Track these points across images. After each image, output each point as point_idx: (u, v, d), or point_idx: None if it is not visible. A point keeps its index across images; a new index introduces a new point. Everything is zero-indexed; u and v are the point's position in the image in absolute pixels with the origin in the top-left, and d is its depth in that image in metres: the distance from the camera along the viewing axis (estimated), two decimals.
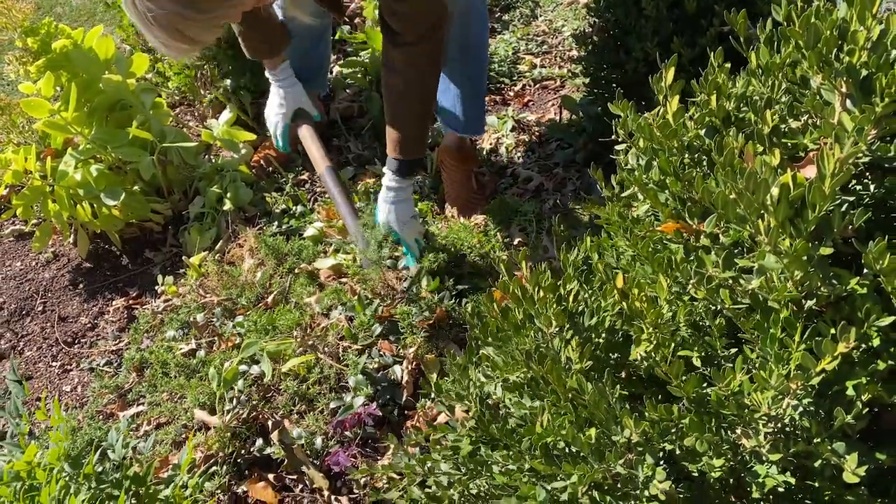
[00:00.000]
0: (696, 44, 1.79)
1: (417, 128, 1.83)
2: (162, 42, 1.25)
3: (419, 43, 1.67)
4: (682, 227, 0.92)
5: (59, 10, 4.60)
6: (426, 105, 1.84)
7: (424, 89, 1.79)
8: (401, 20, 1.64)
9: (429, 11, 1.64)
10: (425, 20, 1.65)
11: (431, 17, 1.65)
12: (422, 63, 1.72)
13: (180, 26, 1.22)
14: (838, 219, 0.72)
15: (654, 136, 0.93)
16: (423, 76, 1.75)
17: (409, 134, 1.82)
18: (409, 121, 1.81)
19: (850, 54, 0.75)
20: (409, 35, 1.65)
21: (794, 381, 0.73)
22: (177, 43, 1.25)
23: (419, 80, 1.75)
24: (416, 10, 1.63)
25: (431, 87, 1.83)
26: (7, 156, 2.32)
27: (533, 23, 3.09)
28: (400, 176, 1.85)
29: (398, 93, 1.77)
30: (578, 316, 1.00)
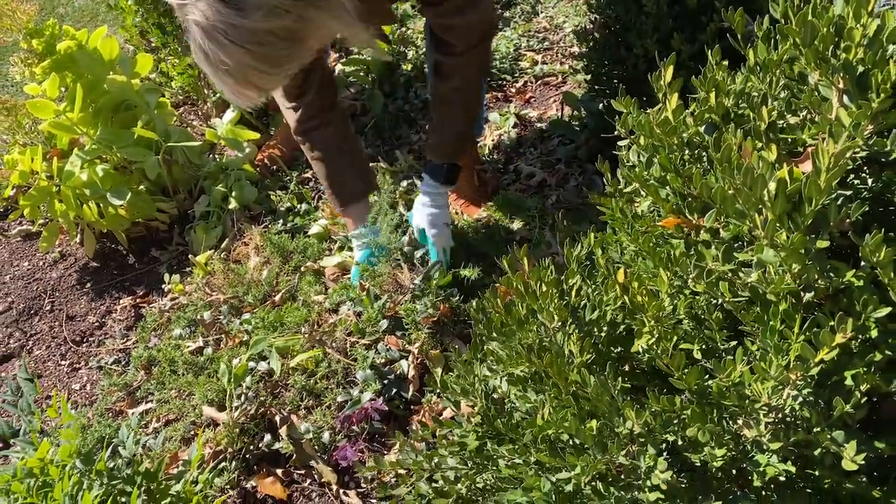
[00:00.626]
0: (696, 40, 1.80)
1: (460, 134, 1.87)
2: (231, 90, 1.25)
3: (468, 52, 1.70)
4: (683, 222, 0.93)
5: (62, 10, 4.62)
6: (472, 112, 1.87)
7: (471, 96, 1.82)
8: (454, 34, 1.67)
9: (481, 22, 1.67)
10: (477, 31, 1.68)
11: (483, 27, 1.69)
12: (471, 71, 1.75)
13: (254, 79, 1.23)
14: (834, 212, 0.73)
15: (655, 133, 0.94)
16: (471, 84, 1.78)
17: (452, 140, 1.85)
18: (454, 127, 1.84)
19: (847, 51, 0.77)
20: (460, 46, 1.68)
21: (794, 372, 0.74)
22: (247, 91, 1.26)
23: (466, 88, 1.78)
24: (470, 23, 1.65)
25: (478, 95, 1.87)
26: (13, 157, 2.34)
27: (534, 19, 3.10)
28: (437, 181, 1.86)
29: (446, 99, 1.80)
30: (581, 310, 1.01)
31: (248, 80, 1.23)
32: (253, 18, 1.15)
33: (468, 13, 1.63)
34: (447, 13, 1.63)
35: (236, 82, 1.23)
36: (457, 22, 1.65)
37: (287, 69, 1.30)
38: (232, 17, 1.14)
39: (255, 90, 1.28)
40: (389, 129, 2.66)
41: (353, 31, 1.36)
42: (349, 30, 1.35)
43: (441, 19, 1.67)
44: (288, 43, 1.23)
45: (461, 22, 1.65)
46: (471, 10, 1.63)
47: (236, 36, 1.16)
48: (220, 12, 1.14)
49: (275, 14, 1.17)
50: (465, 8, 1.62)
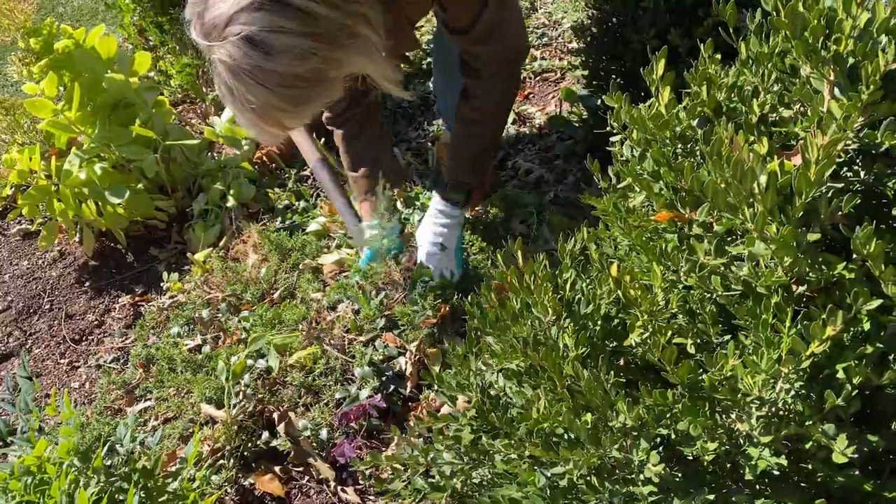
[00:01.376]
0: (692, 34, 1.79)
1: (477, 156, 1.86)
2: (255, 127, 1.24)
3: (494, 77, 1.69)
4: (676, 216, 0.93)
5: (61, 9, 4.62)
6: (493, 137, 1.87)
7: (494, 121, 1.82)
8: (481, 61, 1.67)
9: (509, 49, 1.67)
10: (504, 59, 1.67)
11: (512, 54, 1.69)
12: (496, 95, 1.74)
13: (276, 116, 1.22)
14: (825, 205, 0.73)
15: (647, 127, 0.94)
16: (494, 109, 1.78)
17: (468, 160, 1.85)
18: (471, 149, 1.84)
19: (837, 43, 0.76)
20: (487, 72, 1.68)
21: (786, 366, 0.74)
22: (270, 128, 1.25)
23: (490, 112, 1.78)
24: (499, 50, 1.65)
25: (501, 121, 1.87)
26: (12, 156, 2.34)
27: (533, 15, 3.09)
28: (446, 199, 1.85)
29: (468, 121, 1.79)
30: (575, 304, 1.01)
31: (271, 117, 1.22)
32: (281, 62, 1.14)
33: (495, 42, 1.62)
34: (475, 41, 1.62)
35: (261, 120, 1.22)
36: (483, 50, 1.64)
37: (313, 108, 1.30)
38: (259, 61, 1.13)
39: (280, 127, 1.27)
40: (388, 126, 2.66)
41: (382, 69, 1.35)
42: (378, 68, 1.33)
43: (469, 46, 1.65)
44: (315, 84, 1.22)
45: (488, 50, 1.64)
46: (497, 39, 1.62)
47: (263, 78, 1.15)
48: (247, 55, 1.13)
49: (303, 58, 1.16)
50: (493, 37, 1.61)
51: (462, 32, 1.61)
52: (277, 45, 1.13)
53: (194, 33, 1.18)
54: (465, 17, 1.57)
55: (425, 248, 1.87)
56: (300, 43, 1.15)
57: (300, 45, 1.15)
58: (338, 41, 1.20)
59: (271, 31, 1.12)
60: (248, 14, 1.12)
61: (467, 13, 1.56)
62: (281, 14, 1.12)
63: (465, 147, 1.85)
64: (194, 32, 1.18)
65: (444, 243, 1.87)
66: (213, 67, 1.20)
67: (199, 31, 1.17)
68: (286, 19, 1.13)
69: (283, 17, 1.13)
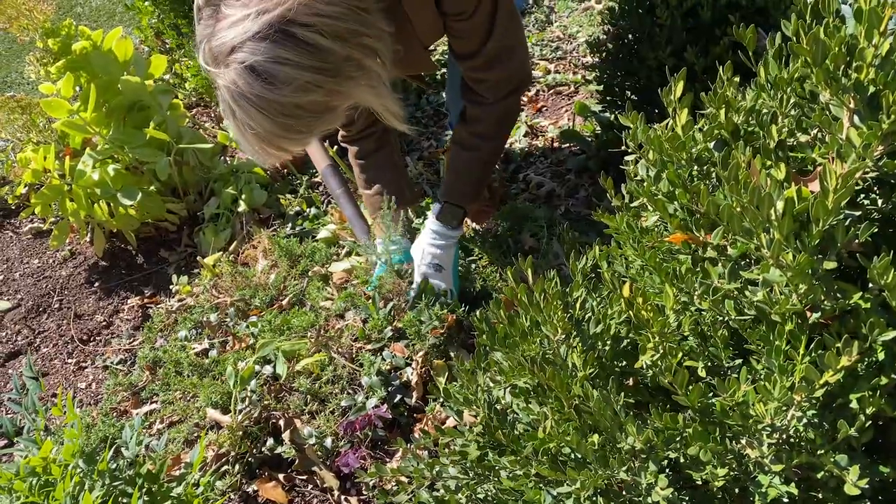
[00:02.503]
0: (709, 53, 1.79)
1: (473, 181, 1.85)
2: (254, 149, 1.24)
3: (496, 104, 1.70)
4: (690, 238, 0.93)
5: (79, 10, 4.66)
6: (489, 162, 1.87)
7: (491, 147, 1.82)
8: (485, 87, 1.67)
9: (511, 77, 1.67)
10: (507, 85, 1.68)
11: (515, 82, 1.69)
12: (494, 121, 1.75)
13: (275, 142, 1.22)
14: (842, 233, 0.73)
15: (664, 148, 0.94)
16: (493, 134, 1.78)
17: (463, 184, 1.84)
18: (467, 173, 1.84)
19: (858, 71, 0.76)
20: (490, 98, 1.69)
21: (799, 393, 0.74)
22: (268, 152, 1.25)
23: (488, 137, 1.78)
24: (501, 77, 1.66)
25: (498, 146, 1.87)
26: (27, 155, 2.36)
27: (548, 28, 3.10)
28: (441, 221, 1.85)
29: (465, 144, 1.79)
30: (585, 323, 1.01)
31: (271, 143, 1.23)
32: (283, 93, 1.14)
33: (498, 67, 1.63)
34: (478, 67, 1.63)
35: (260, 143, 1.22)
36: (489, 75, 1.65)
37: (315, 135, 1.30)
38: (261, 90, 1.14)
39: (280, 151, 1.27)
40: (400, 135, 2.66)
41: (386, 102, 1.35)
42: (382, 100, 1.33)
43: (472, 72, 1.66)
44: (317, 114, 1.22)
45: (493, 76, 1.65)
46: (503, 64, 1.63)
47: (264, 107, 1.15)
48: (249, 84, 1.13)
49: (305, 90, 1.16)
50: (496, 63, 1.61)
51: (467, 58, 1.62)
52: (280, 76, 1.13)
53: (201, 57, 1.18)
54: (470, 44, 1.59)
55: (422, 269, 1.87)
56: (303, 75, 1.15)
57: (303, 77, 1.15)
58: (343, 74, 1.20)
59: (275, 62, 1.12)
60: (254, 43, 1.12)
61: (473, 41, 1.58)
62: (285, 45, 1.12)
63: (460, 170, 1.84)
64: (201, 56, 1.18)
65: (441, 263, 1.87)
66: (217, 90, 1.21)
67: (206, 55, 1.17)
68: (290, 51, 1.13)
69: (288, 49, 1.12)
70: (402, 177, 2.02)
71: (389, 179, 1.97)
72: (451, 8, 1.51)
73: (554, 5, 3.23)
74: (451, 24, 1.57)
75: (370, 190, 1.99)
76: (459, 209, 1.85)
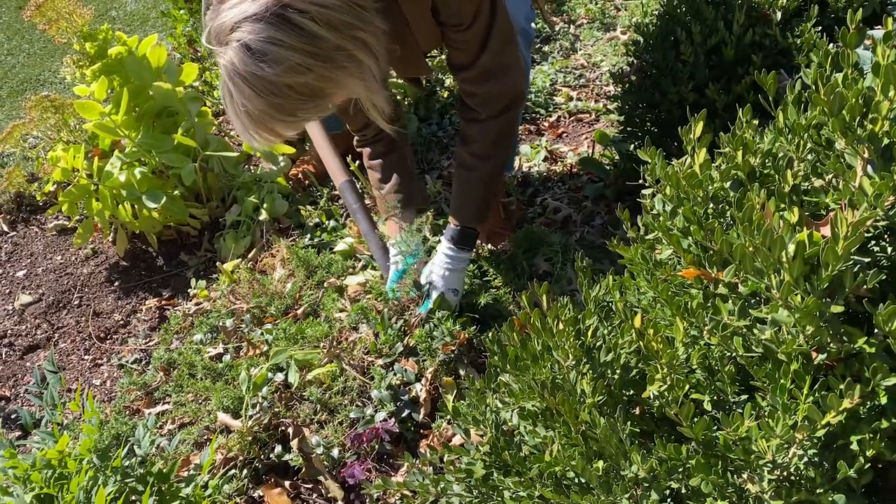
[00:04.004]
0: (731, 91, 1.82)
1: (479, 201, 1.88)
2: (247, 129, 1.31)
3: (490, 121, 1.74)
4: (703, 274, 0.95)
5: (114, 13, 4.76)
6: (492, 182, 1.90)
7: (491, 166, 1.84)
8: (479, 101, 1.72)
9: (505, 94, 1.71)
10: (500, 102, 1.72)
11: (507, 99, 1.73)
12: (491, 135, 1.78)
13: (268, 123, 1.29)
14: (850, 278, 0.75)
15: (681, 185, 0.97)
16: (492, 153, 1.81)
17: (469, 206, 1.88)
18: (472, 193, 1.87)
19: (874, 123, 0.79)
20: (483, 114, 1.73)
21: (801, 432, 0.76)
22: (262, 133, 1.32)
23: (487, 157, 1.81)
24: (494, 93, 1.70)
25: (499, 166, 1.89)
26: (57, 153, 2.42)
27: (572, 56, 3.14)
28: (454, 244, 1.88)
29: (466, 165, 1.83)
30: (596, 351, 1.03)
31: (263, 123, 1.30)
32: (273, 71, 1.22)
33: (492, 83, 1.67)
34: (473, 79, 1.67)
35: (253, 124, 1.29)
36: (481, 89, 1.69)
37: (302, 120, 1.37)
38: (254, 68, 1.21)
39: (270, 133, 1.33)
40: (421, 153, 2.71)
41: (375, 98, 1.42)
42: (371, 95, 1.40)
43: (467, 85, 1.70)
44: (306, 97, 1.29)
45: (486, 90, 1.69)
46: (495, 80, 1.67)
47: (256, 84, 1.23)
48: (244, 61, 1.21)
49: (296, 71, 1.23)
50: (490, 77, 1.66)
51: (462, 69, 1.67)
52: (272, 55, 1.21)
53: (205, 37, 1.27)
54: (465, 55, 1.64)
55: (437, 293, 1.90)
56: (294, 57, 1.22)
57: (294, 58, 1.22)
58: (333, 61, 1.27)
59: (269, 42, 1.20)
60: (251, 24, 1.20)
61: (469, 52, 1.63)
62: (280, 28, 1.20)
63: (465, 191, 1.88)
64: (205, 37, 1.27)
65: (456, 287, 1.91)
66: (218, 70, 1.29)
67: (209, 35, 1.26)
68: (284, 33, 1.21)
69: (282, 32, 1.21)
70: (413, 179, 2.07)
71: (401, 180, 2.02)
72: (447, 18, 1.57)
73: (579, 33, 3.27)
74: (447, 34, 1.62)
75: (382, 189, 2.04)
76: (471, 231, 1.89)
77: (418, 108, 2.86)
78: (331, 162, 2.29)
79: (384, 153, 2.01)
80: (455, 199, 1.91)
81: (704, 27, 1.85)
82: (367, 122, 1.92)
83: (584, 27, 3.29)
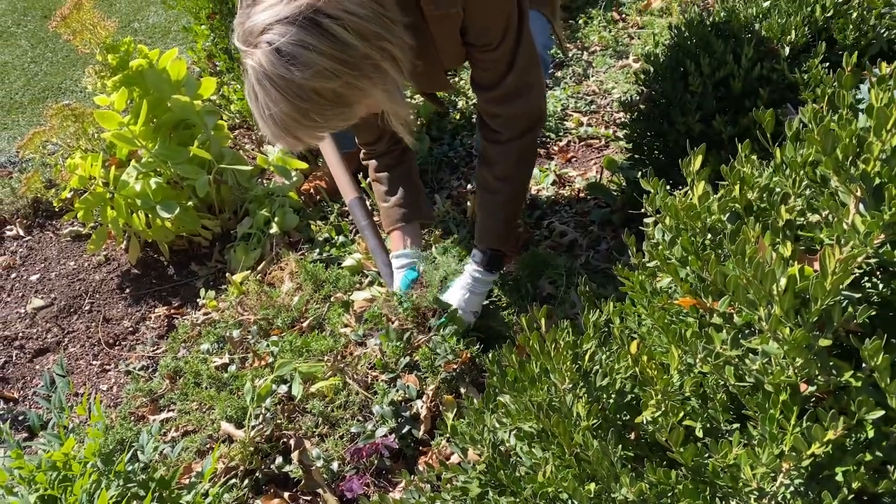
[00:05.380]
0: (738, 123, 1.85)
1: (503, 222, 1.91)
2: (271, 133, 1.34)
3: (512, 142, 1.77)
4: (699, 303, 0.97)
5: (136, 25, 4.85)
6: (515, 202, 1.93)
7: (514, 187, 1.87)
8: (500, 122, 1.75)
9: (526, 114, 1.75)
10: (522, 122, 1.75)
11: (529, 120, 1.76)
12: (514, 156, 1.81)
13: (291, 128, 1.32)
14: (838, 313, 0.77)
15: (680, 215, 0.99)
16: (514, 174, 1.84)
17: (495, 227, 1.91)
18: (496, 214, 1.90)
19: (866, 163, 0.81)
20: (505, 135, 1.77)
21: (787, 462, 0.77)
22: (285, 138, 1.35)
23: (509, 178, 1.84)
24: (517, 113, 1.73)
25: (521, 186, 1.92)
26: (75, 161, 2.47)
27: (584, 82, 3.18)
28: (483, 267, 1.91)
29: (489, 187, 1.86)
30: (592, 375, 1.06)
31: (287, 128, 1.32)
32: (302, 75, 1.24)
33: (515, 103, 1.71)
34: (496, 100, 1.71)
35: (276, 126, 1.32)
36: (504, 110, 1.72)
37: (325, 127, 1.39)
38: (282, 70, 1.24)
39: (293, 139, 1.36)
40: (432, 173, 2.74)
41: (399, 110, 1.45)
42: (395, 107, 1.44)
43: (490, 105, 1.73)
44: (332, 104, 1.31)
45: (507, 111, 1.72)
46: (518, 100, 1.70)
47: (283, 87, 1.25)
48: (273, 63, 1.24)
49: (324, 76, 1.26)
50: (514, 97, 1.69)
51: (487, 89, 1.71)
52: (302, 58, 1.23)
53: (235, 38, 1.30)
54: (492, 76, 1.67)
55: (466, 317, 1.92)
56: (323, 62, 1.25)
57: (323, 63, 1.25)
58: (360, 69, 1.30)
59: (299, 46, 1.23)
60: (283, 26, 1.22)
61: (495, 72, 1.66)
62: (311, 32, 1.23)
63: (490, 213, 1.90)
64: (235, 37, 1.30)
65: (476, 309, 1.94)
66: (244, 72, 1.31)
67: (238, 36, 1.28)
68: (315, 38, 1.23)
69: (313, 36, 1.23)
70: (418, 193, 2.11)
71: (406, 193, 2.05)
72: (476, 39, 1.60)
73: (592, 60, 3.31)
74: (474, 55, 1.65)
75: (387, 203, 2.07)
76: (499, 254, 1.91)
77: (431, 129, 2.90)
78: (342, 179, 2.33)
79: (390, 166, 2.05)
80: (480, 222, 1.94)
81: (713, 59, 1.88)
82: (379, 137, 1.96)
83: (598, 54, 3.33)
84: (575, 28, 3.54)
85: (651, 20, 3.41)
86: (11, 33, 5.16)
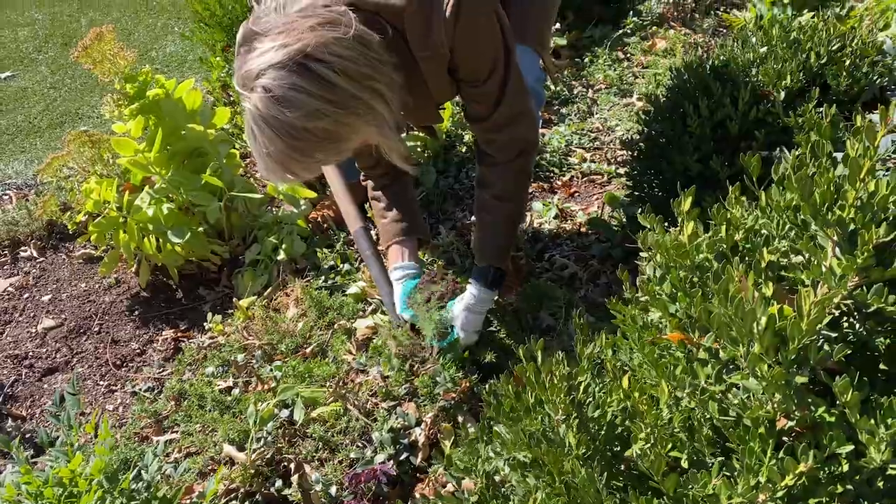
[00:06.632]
0: (734, 163, 1.90)
1: (501, 241, 1.98)
2: (271, 169, 1.45)
3: (507, 164, 1.86)
4: (686, 338, 1.02)
5: (154, 54, 4.97)
6: (512, 222, 2.00)
7: (511, 206, 1.93)
8: (495, 147, 1.84)
9: (519, 140, 1.83)
10: (515, 148, 1.84)
11: (522, 145, 1.85)
12: (510, 176, 1.89)
13: (286, 164, 1.43)
14: (814, 352, 0.81)
15: (670, 253, 1.04)
16: (511, 194, 1.91)
17: (493, 245, 1.97)
18: (495, 234, 1.97)
19: (842, 209, 0.86)
20: (501, 158, 1.86)
21: (763, 493, 0.81)
22: (283, 174, 1.46)
23: (506, 198, 1.91)
24: (510, 138, 1.82)
25: (518, 206, 1.99)
26: (91, 185, 2.54)
27: (588, 119, 3.25)
28: (483, 285, 1.96)
29: (487, 207, 1.94)
30: (585, 406, 1.09)
31: (282, 163, 1.43)
32: (294, 115, 1.35)
33: (509, 130, 1.79)
34: (490, 129, 1.80)
35: (274, 163, 1.42)
36: (498, 136, 1.81)
37: (320, 162, 1.49)
38: (276, 112, 1.35)
39: (290, 173, 1.46)
40: (437, 204, 2.80)
41: (391, 143, 1.55)
42: (387, 141, 1.54)
43: (485, 134, 1.83)
44: (324, 140, 1.42)
45: (502, 137, 1.81)
46: (512, 128, 1.79)
47: (277, 126, 1.36)
48: (267, 106, 1.35)
49: (315, 116, 1.37)
50: (507, 126, 1.78)
51: (479, 120, 1.80)
52: (293, 101, 1.34)
53: (235, 81, 1.40)
54: (482, 109, 1.76)
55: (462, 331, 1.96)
56: (314, 103, 1.36)
57: (313, 104, 1.36)
58: (349, 108, 1.40)
59: (291, 89, 1.33)
60: (275, 71, 1.33)
61: (485, 105, 1.75)
62: (302, 76, 1.34)
63: (488, 232, 1.97)
64: (235, 81, 1.40)
65: (479, 329, 1.98)
66: (243, 113, 1.42)
67: (237, 80, 1.39)
68: (305, 81, 1.34)
69: (303, 80, 1.34)
70: (415, 210, 2.18)
71: (403, 210, 2.13)
72: (465, 76, 1.69)
73: (597, 97, 3.39)
74: (465, 89, 1.74)
75: (385, 218, 2.14)
76: (496, 273, 1.97)
77: (437, 162, 2.97)
78: (347, 209, 2.39)
79: (388, 185, 2.13)
80: (477, 239, 2.01)
81: (711, 102, 1.94)
82: (377, 161, 2.03)
83: (602, 92, 3.41)
84: (581, 66, 3.63)
85: (655, 60, 3.49)
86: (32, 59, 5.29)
